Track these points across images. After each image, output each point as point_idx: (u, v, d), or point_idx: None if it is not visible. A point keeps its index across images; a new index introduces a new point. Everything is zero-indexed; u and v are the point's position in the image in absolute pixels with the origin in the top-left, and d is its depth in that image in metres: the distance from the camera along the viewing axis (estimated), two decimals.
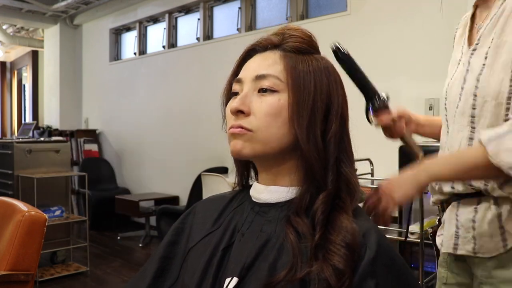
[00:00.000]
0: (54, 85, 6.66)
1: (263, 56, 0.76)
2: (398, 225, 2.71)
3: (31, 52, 7.85)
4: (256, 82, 0.73)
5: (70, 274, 3.66)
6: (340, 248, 0.65)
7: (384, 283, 0.64)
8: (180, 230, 0.85)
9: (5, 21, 6.71)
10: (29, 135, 5.48)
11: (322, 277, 0.63)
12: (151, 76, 5.40)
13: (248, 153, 0.73)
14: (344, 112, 0.75)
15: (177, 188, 4.93)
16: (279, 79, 0.72)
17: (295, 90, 0.72)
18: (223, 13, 4.80)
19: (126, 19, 5.82)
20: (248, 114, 0.72)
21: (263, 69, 0.73)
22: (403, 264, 0.69)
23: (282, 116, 0.71)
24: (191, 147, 4.86)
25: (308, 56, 0.75)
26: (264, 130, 0.72)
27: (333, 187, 0.71)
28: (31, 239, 1.62)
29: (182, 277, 0.78)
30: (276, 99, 0.72)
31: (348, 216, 0.68)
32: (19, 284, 1.58)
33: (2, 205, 1.79)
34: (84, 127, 6.42)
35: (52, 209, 3.64)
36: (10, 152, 3.79)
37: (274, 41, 0.76)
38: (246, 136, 0.72)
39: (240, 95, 0.74)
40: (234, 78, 0.79)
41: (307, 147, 0.71)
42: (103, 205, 5.17)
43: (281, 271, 0.66)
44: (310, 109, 0.71)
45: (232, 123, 0.73)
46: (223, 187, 3.12)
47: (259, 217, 0.76)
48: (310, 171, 0.72)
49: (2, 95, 9.23)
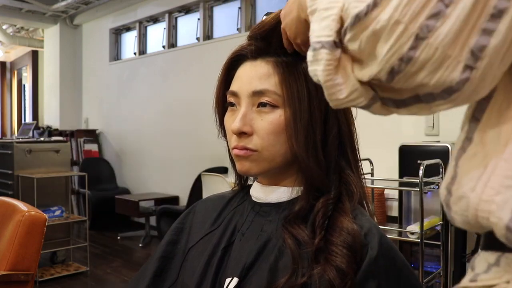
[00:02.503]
0: (54, 85, 6.66)
1: (255, 66, 0.74)
2: (398, 225, 2.72)
3: (31, 52, 7.84)
4: (253, 98, 0.72)
5: (70, 274, 3.65)
6: (342, 249, 0.64)
7: (386, 283, 0.64)
8: (179, 230, 0.85)
9: (5, 21, 6.71)
10: (29, 135, 5.48)
11: (324, 279, 0.63)
12: (151, 76, 5.40)
13: (256, 172, 0.74)
14: (344, 111, 0.74)
15: (177, 188, 4.93)
16: (276, 94, 0.71)
17: (291, 104, 0.71)
18: (223, 13, 4.80)
19: (126, 19, 5.81)
20: (251, 134, 0.72)
21: (259, 83, 0.72)
22: (405, 263, 0.69)
23: (284, 132, 0.71)
24: (191, 147, 4.86)
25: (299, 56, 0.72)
26: (269, 148, 0.71)
27: (334, 192, 0.71)
28: (31, 239, 1.62)
29: (182, 277, 0.78)
30: (277, 116, 0.71)
31: (349, 217, 0.68)
32: (19, 284, 1.58)
33: (2, 205, 1.79)
34: (84, 127, 6.41)
35: (52, 209, 3.64)
36: (10, 152, 3.79)
37: (261, 47, 0.74)
38: (252, 157, 0.72)
39: (240, 114, 0.72)
40: (223, 84, 0.78)
41: (307, 163, 0.71)
42: (103, 205, 5.16)
43: (281, 274, 0.66)
44: (307, 123, 0.70)
45: (235, 144, 0.73)
46: (223, 187, 3.12)
47: (260, 217, 0.75)
48: (310, 180, 0.72)
49: (2, 95, 9.22)
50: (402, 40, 0.41)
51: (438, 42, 0.40)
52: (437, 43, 0.40)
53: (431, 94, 0.43)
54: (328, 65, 0.47)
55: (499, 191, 0.42)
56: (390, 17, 0.41)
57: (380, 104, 0.49)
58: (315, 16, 0.50)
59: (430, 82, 0.42)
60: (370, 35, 0.43)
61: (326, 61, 0.47)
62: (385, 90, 0.47)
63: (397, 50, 0.41)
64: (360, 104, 0.49)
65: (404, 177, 2.57)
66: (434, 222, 2.32)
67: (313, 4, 0.51)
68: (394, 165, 2.71)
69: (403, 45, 0.41)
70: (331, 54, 0.47)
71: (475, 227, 0.46)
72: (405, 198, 2.71)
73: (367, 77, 0.46)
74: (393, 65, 0.42)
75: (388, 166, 2.82)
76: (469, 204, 0.45)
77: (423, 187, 2.14)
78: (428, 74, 0.41)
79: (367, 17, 0.43)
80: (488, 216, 0.43)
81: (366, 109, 0.50)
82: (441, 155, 2.42)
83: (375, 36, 0.42)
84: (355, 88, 0.48)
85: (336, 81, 0.48)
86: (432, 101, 0.44)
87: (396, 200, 2.85)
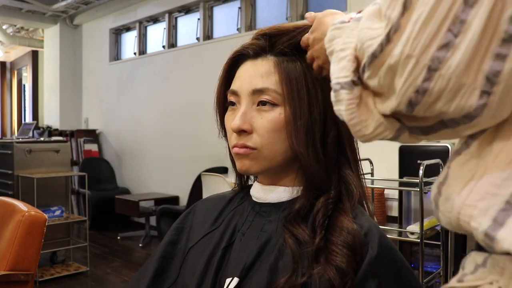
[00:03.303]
0: (54, 85, 6.66)
1: (256, 65, 0.74)
2: (398, 225, 2.72)
3: (31, 52, 7.84)
4: (254, 96, 0.72)
5: (70, 274, 3.65)
6: (342, 248, 0.65)
7: (386, 282, 0.64)
8: (180, 230, 0.84)
9: (5, 21, 6.71)
10: (29, 135, 5.48)
11: (324, 278, 0.63)
12: (151, 76, 5.40)
13: (256, 170, 0.74)
14: None
15: (177, 188, 4.93)
16: (276, 92, 0.71)
17: (291, 102, 0.71)
18: (223, 13, 4.80)
19: (126, 19, 5.82)
20: (251, 132, 0.72)
21: (259, 82, 0.72)
22: (404, 263, 0.69)
23: (284, 130, 0.71)
24: (191, 147, 4.86)
25: (300, 57, 0.73)
26: (269, 147, 0.72)
27: (334, 191, 0.71)
28: (31, 239, 1.62)
29: (182, 277, 0.78)
30: (277, 114, 0.71)
31: (349, 216, 0.68)
32: (19, 284, 1.58)
33: (2, 205, 1.79)
34: (84, 127, 6.41)
35: (52, 209, 3.64)
36: (10, 152, 3.79)
37: (263, 46, 0.75)
38: (252, 155, 0.72)
39: (240, 112, 0.72)
40: (224, 84, 0.78)
41: (307, 161, 0.71)
42: (103, 205, 5.17)
43: (281, 274, 0.66)
44: (307, 121, 0.71)
45: (235, 142, 0.73)
46: (223, 187, 3.12)
47: (260, 217, 0.75)
48: (310, 178, 0.72)
49: (2, 95, 9.22)
50: (415, 73, 0.41)
51: (451, 73, 0.40)
52: (449, 73, 0.40)
53: (453, 120, 0.44)
54: (350, 104, 0.49)
55: (484, 198, 0.43)
56: (402, 51, 0.41)
57: (408, 133, 0.50)
58: (333, 57, 0.52)
59: (449, 110, 0.42)
60: (387, 70, 0.44)
61: (347, 101, 0.49)
62: (411, 119, 0.48)
63: (412, 83, 0.42)
64: (387, 137, 0.50)
65: (404, 177, 2.57)
66: (434, 222, 2.32)
67: (330, 46, 0.54)
68: (394, 165, 2.71)
69: (416, 78, 0.41)
70: (350, 93, 0.49)
71: (457, 229, 0.47)
72: (405, 198, 2.71)
73: (389, 110, 0.47)
74: (410, 97, 0.42)
75: (388, 166, 2.83)
76: (453, 206, 0.46)
77: (423, 187, 2.14)
78: (446, 103, 0.41)
79: (382, 54, 0.44)
80: (469, 221, 0.44)
81: (394, 140, 0.51)
82: (441, 155, 2.42)
83: (392, 70, 0.43)
84: (379, 122, 0.49)
85: (360, 118, 0.49)
86: (456, 126, 0.44)
87: (396, 200, 2.85)
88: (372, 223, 0.69)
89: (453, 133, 0.46)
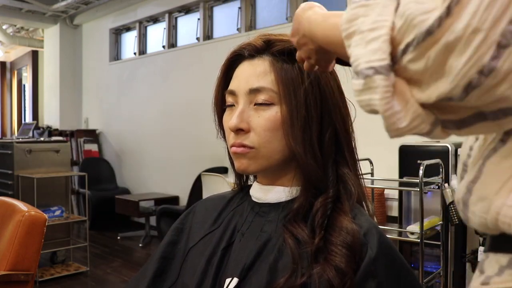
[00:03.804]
0: (54, 85, 6.66)
1: (253, 65, 0.75)
2: (398, 225, 2.72)
3: (31, 52, 7.84)
4: (250, 96, 0.73)
5: (70, 274, 3.66)
6: (341, 248, 0.65)
7: (386, 282, 0.64)
8: (179, 230, 0.85)
9: (5, 21, 6.71)
10: (29, 135, 5.48)
11: (323, 279, 0.63)
12: (151, 76, 5.40)
13: (254, 169, 0.74)
14: (341, 112, 0.74)
15: (177, 188, 4.93)
16: (273, 91, 0.72)
17: (287, 101, 0.71)
18: (223, 13, 4.80)
19: (126, 19, 5.82)
20: (248, 131, 0.72)
21: (255, 81, 0.73)
22: (404, 263, 0.69)
23: (281, 129, 0.72)
24: (191, 147, 4.86)
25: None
26: (266, 145, 0.72)
27: (332, 190, 0.71)
28: (31, 239, 1.62)
29: (182, 277, 0.78)
30: (274, 113, 0.72)
31: (348, 216, 0.68)
32: (19, 284, 1.58)
33: (2, 205, 1.79)
34: (84, 127, 6.41)
35: (52, 209, 3.64)
36: (10, 152, 3.79)
37: (260, 46, 0.75)
38: (250, 154, 0.72)
39: (237, 111, 0.73)
40: (222, 84, 0.79)
41: (304, 159, 0.71)
42: (103, 205, 5.17)
43: (281, 274, 0.66)
44: (303, 120, 0.71)
45: (233, 141, 0.73)
46: (223, 187, 3.12)
47: (259, 217, 0.76)
48: (308, 177, 0.72)
49: (2, 95, 9.22)
50: (482, 50, 0.35)
51: None
52: None
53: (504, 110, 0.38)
54: (386, 92, 0.42)
55: None
56: (467, 25, 0.35)
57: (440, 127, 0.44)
58: (357, 39, 0.44)
59: None
60: (441, 49, 0.37)
61: (383, 88, 0.41)
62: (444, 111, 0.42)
63: (476, 62, 0.36)
64: (423, 131, 0.43)
65: (404, 177, 2.57)
66: (434, 222, 2.32)
67: (351, 27, 0.45)
68: (394, 165, 2.71)
69: (483, 56, 0.35)
70: (387, 79, 0.41)
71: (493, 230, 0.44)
72: (405, 198, 2.71)
73: (435, 97, 0.40)
74: (471, 79, 0.37)
75: (388, 166, 2.82)
76: (490, 206, 0.43)
77: (423, 187, 2.15)
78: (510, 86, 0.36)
79: (439, 29, 0.37)
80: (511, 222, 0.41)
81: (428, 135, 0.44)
82: (441, 155, 2.42)
83: (447, 49, 0.37)
84: (417, 114, 0.42)
85: (395, 108, 0.42)
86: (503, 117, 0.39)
87: (396, 200, 2.85)
88: (372, 223, 0.69)
89: (493, 126, 0.40)
